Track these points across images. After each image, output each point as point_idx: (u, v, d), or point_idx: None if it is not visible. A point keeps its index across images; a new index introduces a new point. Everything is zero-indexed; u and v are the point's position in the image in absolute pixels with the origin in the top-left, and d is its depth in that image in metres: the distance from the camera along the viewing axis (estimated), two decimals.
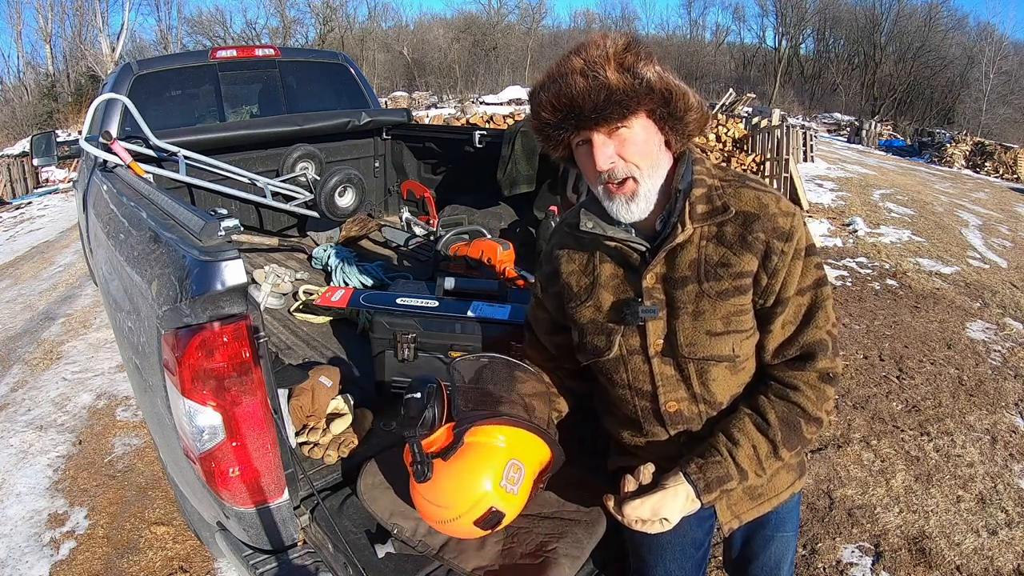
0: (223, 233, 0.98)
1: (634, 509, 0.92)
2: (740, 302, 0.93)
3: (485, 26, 30.01)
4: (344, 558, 1.05)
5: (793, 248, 0.91)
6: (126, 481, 2.30)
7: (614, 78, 0.84)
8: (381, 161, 3.35)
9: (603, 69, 0.84)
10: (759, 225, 0.91)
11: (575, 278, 1.04)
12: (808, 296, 0.94)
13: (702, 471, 0.93)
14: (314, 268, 2.57)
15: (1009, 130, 21.98)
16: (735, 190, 0.94)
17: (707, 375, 0.96)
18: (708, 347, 0.94)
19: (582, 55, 0.86)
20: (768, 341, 0.96)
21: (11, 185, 9.99)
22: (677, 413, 0.99)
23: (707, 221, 0.93)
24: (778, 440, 0.94)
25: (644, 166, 0.90)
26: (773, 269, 0.91)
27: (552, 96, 0.87)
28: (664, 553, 1.02)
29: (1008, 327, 3.88)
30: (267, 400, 0.98)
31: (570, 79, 0.85)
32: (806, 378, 0.95)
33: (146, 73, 2.67)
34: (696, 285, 0.93)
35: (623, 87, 0.85)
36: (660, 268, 0.95)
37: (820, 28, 31.48)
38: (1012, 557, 1.95)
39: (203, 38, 26.33)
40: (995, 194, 10.13)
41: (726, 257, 0.92)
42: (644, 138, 0.89)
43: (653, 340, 0.96)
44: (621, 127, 0.88)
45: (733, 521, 1.02)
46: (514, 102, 12.34)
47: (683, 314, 0.94)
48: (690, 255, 0.94)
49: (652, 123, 0.90)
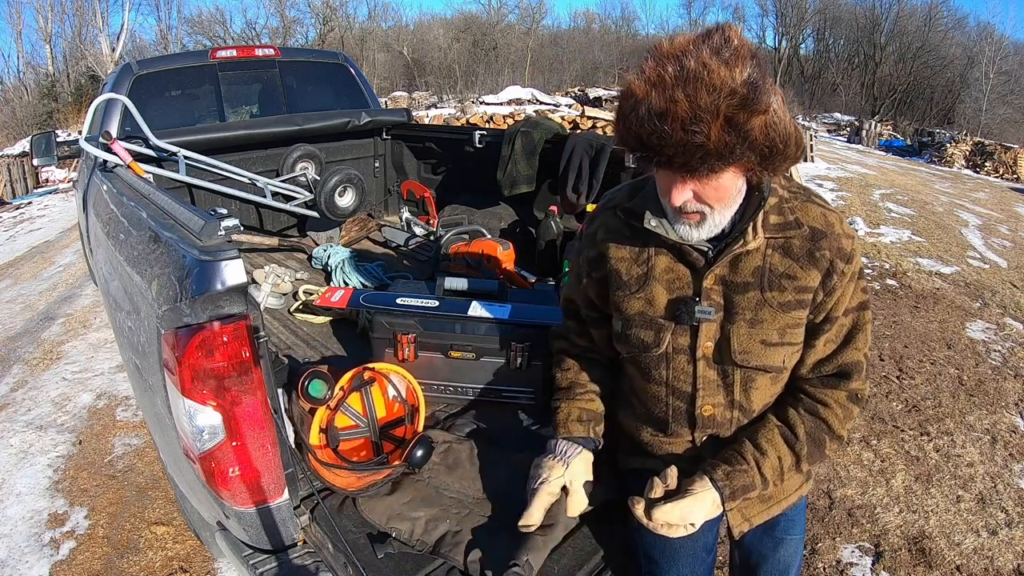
0: (223, 233, 0.98)
1: (664, 514, 0.92)
2: (799, 316, 0.93)
3: (485, 26, 29.99)
4: (344, 558, 1.05)
5: (851, 270, 0.93)
6: (126, 481, 2.30)
7: (716, 138, 0.75)
8: (381, 161, 3.35)
9: (708, 126, 0.74)
10: (826, 243, 0.92)
11: (625, 265, 1.00)
12: (852, 317, 0.96)
13: (729, 479, 0.94)
14: (314, 268, 2.57)
15: (1009, 130, 21.95)
16: (802, 204, 0.94)
17: (751, 384, 0.97)
18: (761, 356, 0.94)
19: (690, 96, 0.73)
20: (809, 356, 0.97)
21: (11, 185, 9.98)
22: (711, 418, 0.99)
23: (778, 233, 0.93)
24: (803, 454, 0.96)
25: (718, 208, 0.87)
26: (831, 288, 0.92)
27: (645, 134, 0.78)
28: (678, 558, 1.01)
29: (1008, 327, 3.88)
30: (267, 400, 0.98)
31: (668, 124, 0.75)
32: (837, 396, 0.97)
33: (146, 73, 2.67)
34: (758, 293, 0.93)
35: (722, 148, 0.76)
36: (722, 271, 0.94)
37: (820, 28, 31.47)
38: (1012, 557, 1.95)
39: (203, 38, 26.31)
40: (995, 194, 10.13)
41: (792, 269, 0.92)
42: (727, 186, 0.85)
43: (703, 342, 0.96)
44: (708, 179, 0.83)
45: (744, 524, 1.02)
46: (514, 102, 12.31)
47: (740, 320, 0.94)
48: (755, 262, 0.93)
49: (741, 173, 0.85)
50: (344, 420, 1.34)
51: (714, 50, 0.75)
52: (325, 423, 1.31)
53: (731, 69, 0.74)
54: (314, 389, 1.22)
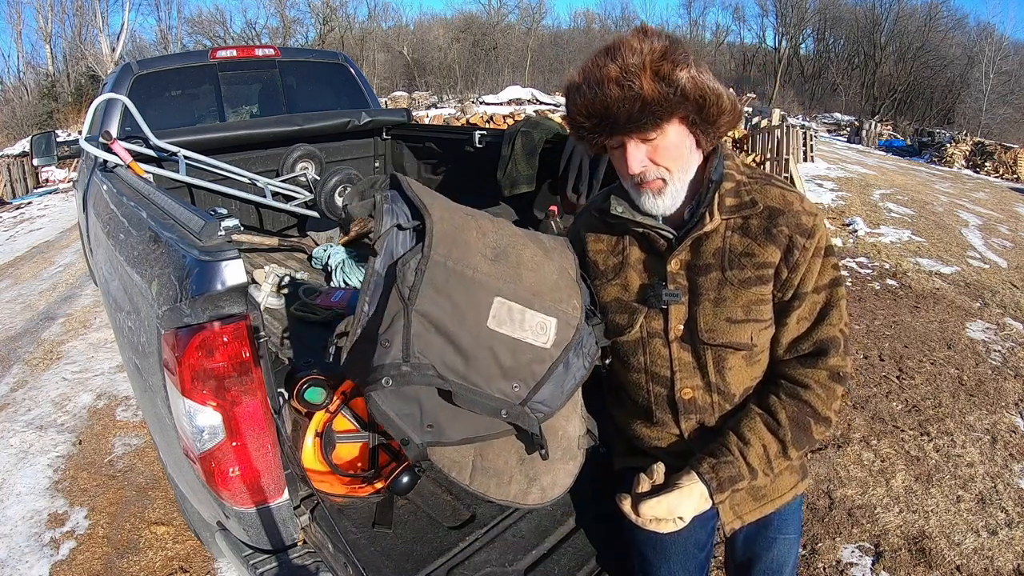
0: (223, 233, 0.98)
1: (651, 508, 0.93)
2: (761, 292, 0.96)
3: (485, 26, 30.01)
4: (344, 558, 1.05)
5: (814, 245, 0.95)
6: (126, 481, 2.30)
7: (648, 88, 0.85)
8: (381, 161, 3.34)
9: (638, 79, 0.85)
10: (783, 220, 0.95)
11: (602, 257, 1.08)
12: (824, 294, 0.97)
13: (715, 471, 0.95)
14: (314, 268, 2.57)
15: (1009, 130, 21.97)
16: (761, 187, 0.99)
17: (724, 363, 0.99)
18: (727, 334, 0.96)
19: (618, 61, 0.86)
20: (783, 335, 0.99)
21: (11, 185, 9.99)
22: (691, 401, 1.01)
23: (735, 214, 0.97)
24: (788, 440, 0.96)
25: (675, 169, 0.94)
26: (794, 263, 0.95)
27: (587, 103, 0.90)
28: (668, 554, 1.02)
29: (1008, 327, 3.88)
30: (267, 400, 0.98)
31: (605, 88, 0.87)
32: (817, 376, 0.97)
33: (146, 73, 2.67)
34: (719, 273, 0.97)
35: (657, 97, 0.86)
36: (685, 255, 0.99)
37: (820, 28, 31.49)
38: (1012, 557, 1.95)
39: (203, 38, 26.35)
40: (995, 194, 10.13)
41: (750, 247, 0.96)
42: (676, 143, 0.92)
43: (674, 324, 0.99)
44: (654, 133, 0.90)
45: (736, 521, 1.02)
46: (514, 102, 12.33)
47: (704, 300, 0.97)
48: (715, 244, 0.98)
49: (685, 128, 0.93)
50: (343, 423, 1.33)
51: (633, 35, 0.89)
52: (322, 427, 1.30)
53: (649, 40, 0.88)
54: (311, 395, 1.21)
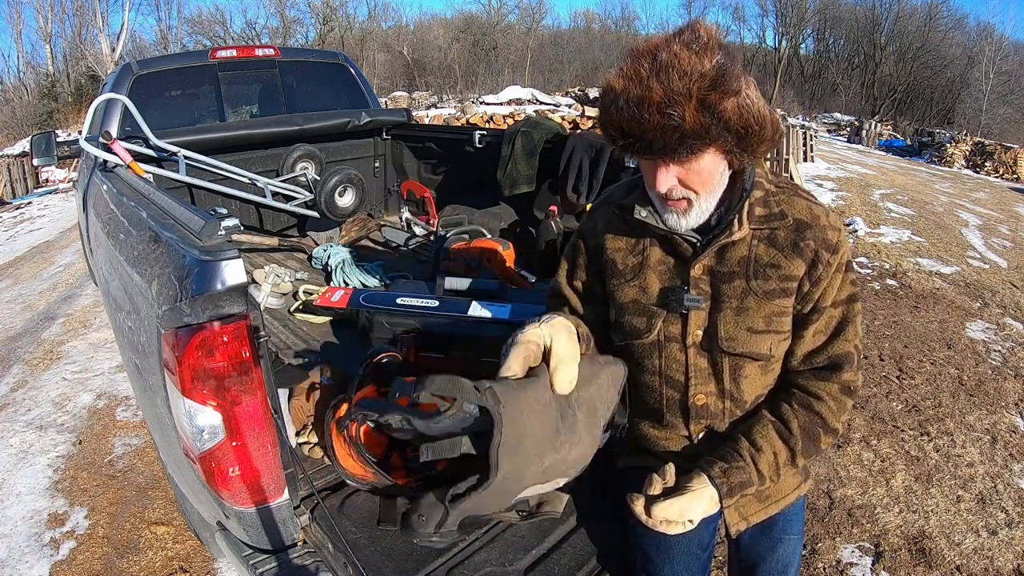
0: (223, 233, 0.98)
1: (663, 510, 0.93)
2: (783, 304, 0.96)
3: (485, 26, 29.98)
4: (344, 558, 1.05)
5: (837, 261, 0.95)
6: (126, 481, 2.30)
7: (691, 120, 0.79)
8: (381, 161, 3.35)
9: (682, 108, 0.79)
10: (811, 234, 0.95)
11: (621, 255, 1.05)
12: (841, 309, 0.97)
13: (726, 475, 0.95)
14: (314, 268, 2.57)
15: (1009, 130, 21.95)
16: (788, 197, 0.98)
17: (740, 372, 0.99)
18: (747, 343, 0.96)
19: (663, 82, 0.79)
20: (798, 347, 0.99)
21: (11, 185, 9.99)
22: (704, 407, 1.01)
23: (763, 224, 0.96)
24: (798, 449, 0.97)
25: (703, 192, 0.91)
26: (817, 278, 0.95)
27: (624, 121, 0.83)
28: (672, 554, 1.02)
29: (1008, 327, 3.88)
30: (267, 400, 0.98)
31: (645, 111, 0.80)
32: (829, 389, 0.98)
33: (146, 73, 2.67)
34: (743, 282, 0.96)
35: (699, 129, 0.81)
36: (709, 261, 0.98)
37: (820, 28, 31.46)
38: (1012, 557, 1.95)
39: (203, 38, 26.30)
40: (995, 194, 10.13)
41: (776, 259, 0.95)
42: (709, 169, 0.89)
43: (693, 330, 0.98)
44: (688, 160, 0.86)
45: (741, 523, 1.02)
46: (514, 102, 12.32)
47: (727, 308, 0.96)
48: (740, 252, 0.96)
49: (721, 155, 0.89)
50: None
51: (685, 43, 0.80)
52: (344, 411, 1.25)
53: (700, 57, 0.79)
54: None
